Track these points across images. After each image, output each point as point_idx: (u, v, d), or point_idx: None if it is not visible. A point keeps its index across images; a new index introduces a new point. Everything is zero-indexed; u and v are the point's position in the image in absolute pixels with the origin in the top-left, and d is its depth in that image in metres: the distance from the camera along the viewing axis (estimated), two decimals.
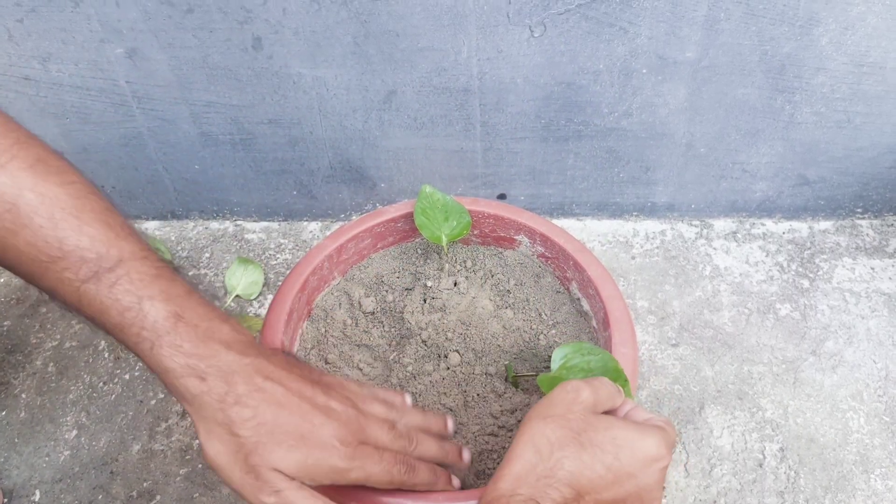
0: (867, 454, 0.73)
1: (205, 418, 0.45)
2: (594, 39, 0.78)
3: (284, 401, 0.46)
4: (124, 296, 0.45)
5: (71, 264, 0.44)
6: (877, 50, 0.78)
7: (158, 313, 0.45)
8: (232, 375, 0.45)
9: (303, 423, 0.46)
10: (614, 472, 0.44)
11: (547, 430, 0.45)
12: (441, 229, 0.72)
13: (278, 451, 0.45)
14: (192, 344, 0.45)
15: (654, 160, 0.92)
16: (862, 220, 1.00)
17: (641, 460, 0.45)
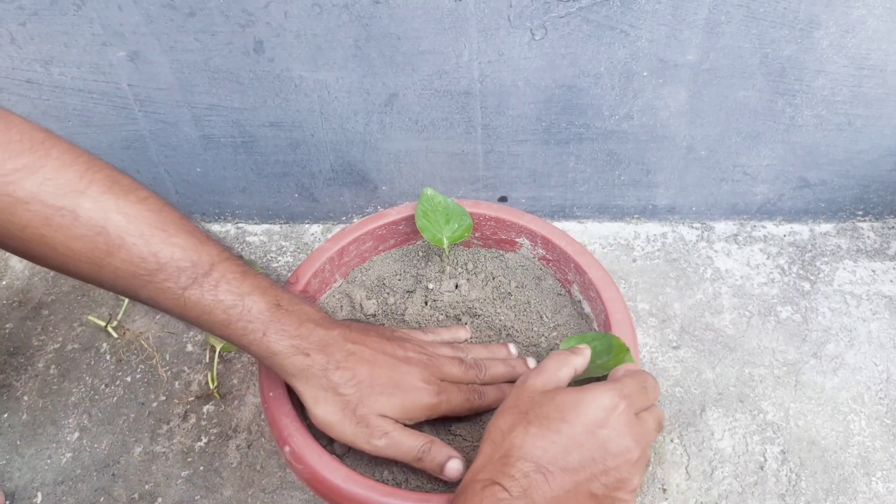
0: (868, 457, 0.73)
1: (312, 387, 0.53)
2: (595, 42, 0.78)
3: (372, 359, 0.54)
4: (226, 296, 0.50)
5: (170, 275, 0.49)
6: (877, 53, 0.79)
7: (261, 306, 0.51)
8: (328, 347, 0.53)
9: (392, 373, 0.55)
10: (567, 435, 0.46)
11: (499, 421, 0.49)
12: (442, 232, 0.72)
13: (380, 400, 0.53)
14: (293, 327, 0.52)
15: (655, 163, 0.92)
16: (863, 222, 1.00)
17: (592, 416, 0.47)
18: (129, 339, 0.88)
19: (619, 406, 0.47)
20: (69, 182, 0.46)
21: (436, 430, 0.59)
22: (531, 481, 0.44)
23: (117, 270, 0.48)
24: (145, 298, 0.50)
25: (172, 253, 0.49)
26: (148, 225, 0.48)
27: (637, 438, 0.47)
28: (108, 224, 0.47)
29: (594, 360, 0.60)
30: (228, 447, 0.77)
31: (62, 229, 0.46)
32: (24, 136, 0.46)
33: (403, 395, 0.54)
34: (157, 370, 0.84)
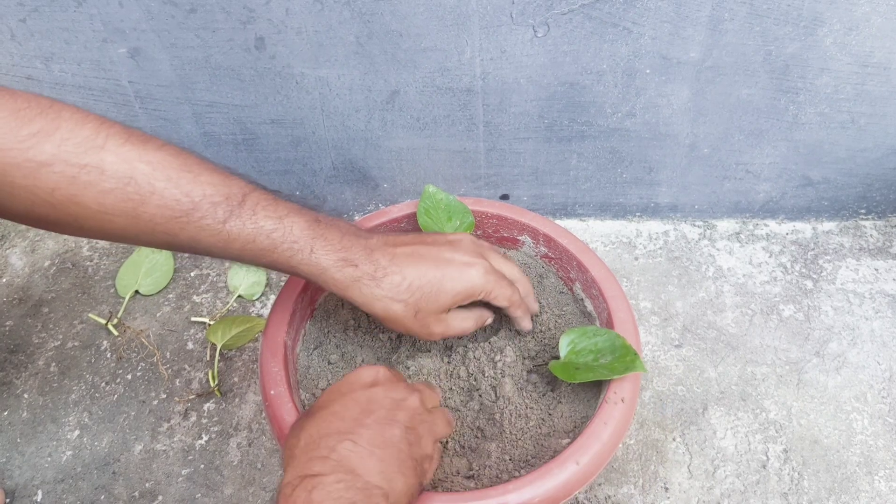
0: (871, 455, 0.73)
1: (365, 294, 0.55)
2: (597, 39, 0.78)
3: (415, 255, 0.57)
4: (265, 221, 0.51)
5: (206, 212, 0.49)
6: (881, 50, 0.78)
7: (301, 225, 0.52)
8: (372, 254, 0.55)
9: (437, 265, 0.57)
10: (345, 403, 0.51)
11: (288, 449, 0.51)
12: (444, 229, 0.72)
13: (435, 303, 0.57)
14: (337, 240, 0.54)
15: (658, 161, 0.92)
16: (866, 221, 0.99)
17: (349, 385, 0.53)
18: (130, 337, 0.88)
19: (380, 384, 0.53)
20: (87, 139, 0.46)
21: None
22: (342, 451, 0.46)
23: (154, 217, 0.48)
24: (186, 240, 0.50)
25: (203, 190, 0.49)
26: (174, 168, 0.48)
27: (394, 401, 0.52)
28: (135, 173, 0.47)
29: (596, 358, 0.59)
30: (229, 445, 0.77)
31: (91, 185, 0.46)
32: (30, 103, 0.46)
33: (453, 282, 0.57)
34: (158, 368, 0.84)
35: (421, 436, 0.52)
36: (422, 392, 0.55)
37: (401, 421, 0.51)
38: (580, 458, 0.53)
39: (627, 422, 0.56)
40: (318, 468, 0.45)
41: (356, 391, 0.52)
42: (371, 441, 0.48)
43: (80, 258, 1.00)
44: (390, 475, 0.47)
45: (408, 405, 0.52)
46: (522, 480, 0.52)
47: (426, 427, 0.53)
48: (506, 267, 0.63)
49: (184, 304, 0.92)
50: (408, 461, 0.49)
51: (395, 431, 0.50)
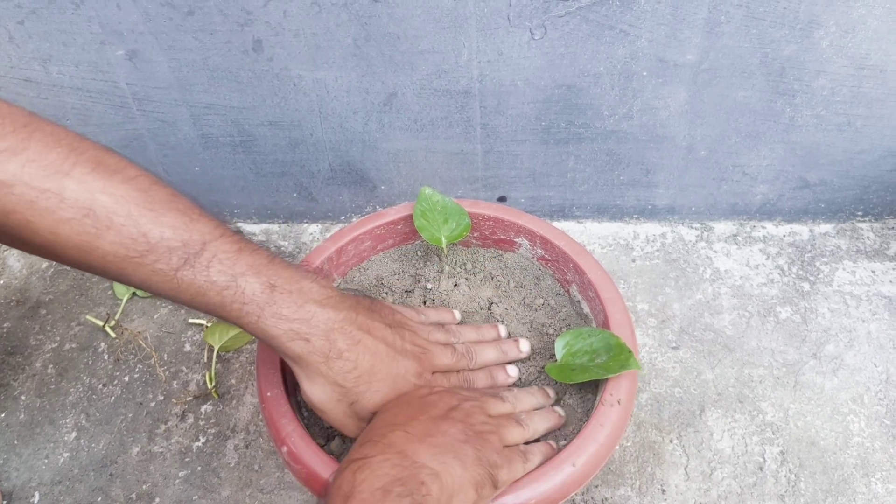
0: (868, 457, 0.73)
1: (310, 372, 0.52)
2: (594, 42, 0.78)
3: (375, 350, 0.54)
4: (219, 276, 0.48)
5: (160, 256, 0.47)
6: (877, 53, 0.78)
7: (254, 287, 0.49)
8: (331, 333, 0.52)
9: (391, 367, 0.55)
10: (393, 405, 0.54)
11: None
12: (441, 231, 0.72)
13: (376, 397, 0.54)
14: (291, 310, 0.50)
15: (655, 163, 0.92)
16: (862, 223, 1.00)
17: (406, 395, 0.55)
18: (128, 339, 0.88)
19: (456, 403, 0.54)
20: (53, 163, 0.44)
21: None
22: (393, 437, 0.48)
23: (106, 255, 0.46)
24: (137, 282, 0.48)
25: (162, 233, 0.47)
26: (136, 205, 0.46)
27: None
28: (94, 205, 0.44)
29: (592, 358, 0.59)
30: (226, 447, 0.77)
31: (48, 213, 0.43)
32: (5, 119, 0.44)
33: (397, 390, 0.55)
34: (156, 370, 0.84)
35: (483, 433, 0.51)
36: (484, 400, 0.55)
37: (457, 418, 0.51)
38: (576, 459, 0.53)
39: (624, 423, 0.56)
40: (367, 451, 0.47)
41: (413, 398, 0.54)
42: (424, 431, 0.49)
43: None
44: (444, 459, 0.47)
45: (464, 407, 0.53)
46: (519, 482, 0.52)
47: (489, 427, 0.52)
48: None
49: (181, 307, 0.92)
50: (467, 450, 0.49)
51: (450, 425, 0.50)
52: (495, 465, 0.50)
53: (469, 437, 0.50)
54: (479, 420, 0.52)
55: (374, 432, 0.49)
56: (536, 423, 0.57)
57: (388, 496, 0.43)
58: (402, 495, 0.43)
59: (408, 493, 0.44)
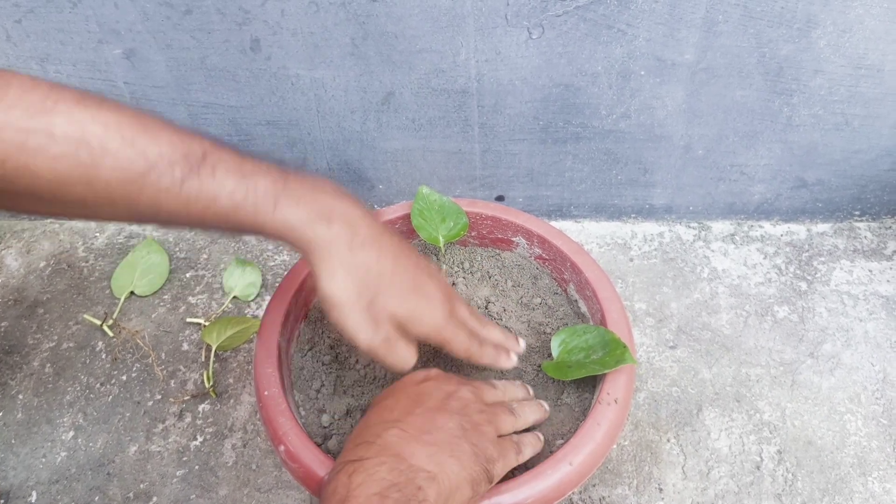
0: (865, 457, 0.73)
1: (330, 261, 0.49)
2: (592, 41, 0.78)
3: (401, 255, 0.52)
4: (227, 179, 0.46)
5: (163, 172, 0.45)
6: (874, 52, 0.79)
7: (266, 182, 0.47)
8: (355, 221, 0.50)
9: (416, 278, 0.53)
10: (389, 395, 0.54)
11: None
12: (438, 231, 0.72)
13: (397, 298, 0.51)
14: (310, 195, 0.49)
15: (653, 162, 0.92)
16: (860, 222, 1.00)
17: (402, 383, 0.55)
18: (125, 338, 0.88)
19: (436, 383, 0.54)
20: (35, 104, 0.43)
21: None
22: (388, 437, 0.47)
23: (109, 182, 0.45)
24: (147, 206, 0.46)
25: (160, 150, 0.45)
26: (129, 128, 0.45)
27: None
28: (86, 135, 0.43)
29: (588, 355, 0.60)
30: (224, 446, 0.77)
31: (41, 151, 0.43)
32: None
33: (419, 301, 0.53)
34: (153, 369, 0.84)
35: (479, 424, 0.50)
36: (478, 386, 0.55)
37: (453, 409, 0.50)
38: (573, 458, 0.53)
39: (621, 422, 0.56)
40: (362, 453, 0.46)
41: (408, 387, 0.53)
42: (420, 427, 0.48)
43: (76, 259, 1.00)
44: (441, 459, 0.46)
45: (460, 395, 0.52)
46: (516, 481, 0.52)
47: (485, 417, 0.51)
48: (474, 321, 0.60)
49: (179, 305, 0.92)
50: (463, 447, 0.48)
51: (447, 418, 0.49)
52: (491, 460, 0.49)
53: (466, 430, 0.49)
54: (476, 409, 0.52)
55: (368, 430, 0.48)
56: (527, 413, 0.57)
57: (384, 502, 0.43)
58: (398, 501, 0.43)
59: (404, 500, 0.43)
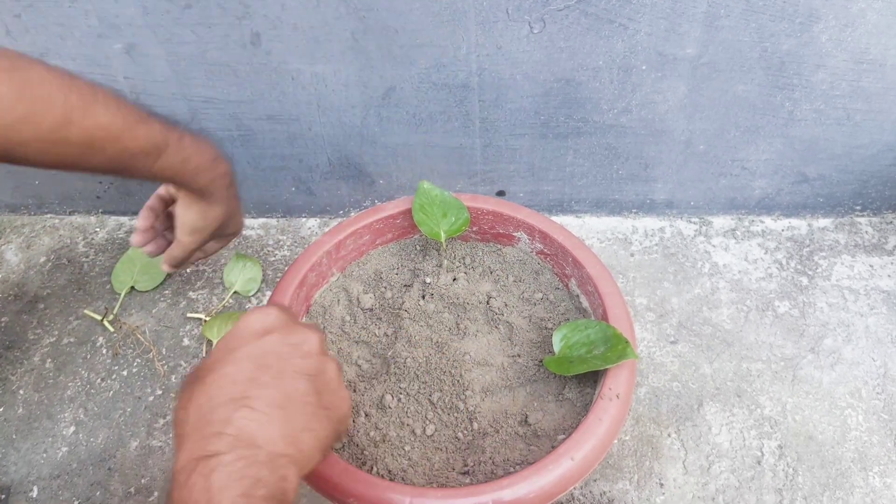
0: (865, 451, 0.73)
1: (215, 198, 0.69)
2: (593, 36, 0.78)
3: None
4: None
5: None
6: (877, 47, 0.78)
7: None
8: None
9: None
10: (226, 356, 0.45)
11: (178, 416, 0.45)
12: (439, 226, 0.72)
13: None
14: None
15: (654, 157, 0.92)
16: (861, 217, 1.00)
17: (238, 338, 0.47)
18: (126, 333, 0.88)
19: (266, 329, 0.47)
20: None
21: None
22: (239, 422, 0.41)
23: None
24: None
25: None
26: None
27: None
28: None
29: (590, 350, 0.60)
30: None
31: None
32: None
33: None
34: (154, 364, 0.84)
35: (329, 379, 0.48)
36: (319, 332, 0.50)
37: (303, 370, 0.46)
38: (575, 453, 0.53)
39: (622, 417, 0.56)
40: (215, 447, 0.40)
41: (248, 344, 0.46)
42: (271, 402, 0.43)
43: (76, 254, 0.99)
44: (296, 436, 0.43)
45: (308, 349, 0.47)
46: (517, 476, 0.52)
47: (333, 366, 0.48)
48: None
49: (179, 301, 0.92)
50: (317, 412, 0.45)
51: (298, 384, 0.45)
52: (342, 419, 0.48)
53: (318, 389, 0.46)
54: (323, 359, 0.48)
55: (215, 414, 0.42)
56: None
57: (250, 500, 0.39)
58: (266, 499, 0.40)
59: (271, 496, 0.40)
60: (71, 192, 1.02)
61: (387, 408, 0.62)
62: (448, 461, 0.59)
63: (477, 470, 0.58)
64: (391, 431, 0.61)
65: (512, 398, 0.63)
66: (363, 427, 0.61)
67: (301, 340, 0.47)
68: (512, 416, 0.62)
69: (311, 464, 0.44)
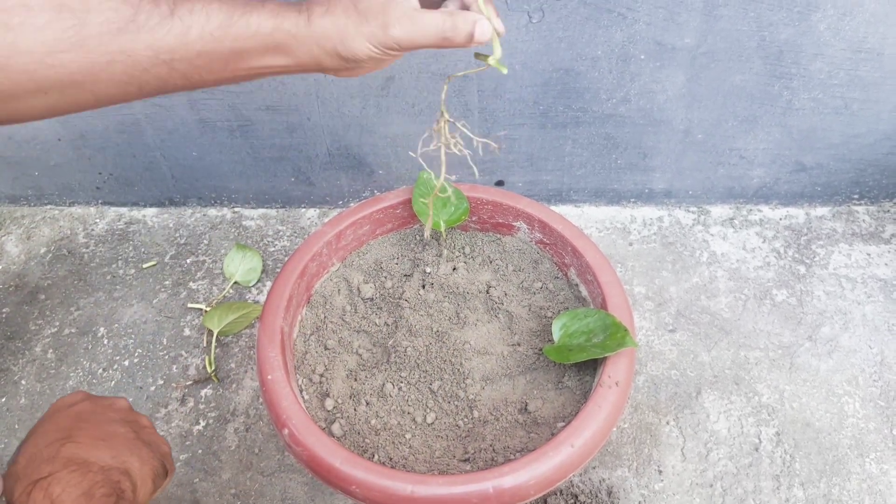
0: (862, 438, 0.74)
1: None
2: (592, 25, 0.78)
3: None
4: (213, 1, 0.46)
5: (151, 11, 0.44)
6: (874, 36, 0.78)
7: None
8: None
9: None
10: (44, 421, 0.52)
11: None
12: (440, 216, 0.72)
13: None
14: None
15: (652, 147, 0.92)
16: (858, 206, 1.00)
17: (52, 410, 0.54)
18: (126, 324, 0.88)
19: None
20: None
21: None
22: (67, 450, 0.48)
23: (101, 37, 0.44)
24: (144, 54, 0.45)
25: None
26: None
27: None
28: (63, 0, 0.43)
29: (589, 338, 0.60)
30: (227, 430, 0.77)
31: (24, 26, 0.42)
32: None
33: None
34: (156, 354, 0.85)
35: (144, 426, 0.55)
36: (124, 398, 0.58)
37: (117, 419, 0.53)
38: (575, 440, 0.53)
39: (621, 405, 0.57)
40: (48, 469, 0.46)
41: (61, 411, 0.53)
42: (94, 436, 0.50)
43: (76, 245, 1.00)
44: (124, 458, 0.49)
45: (119, 407, 0.55)
46: (517, 463, 0.52)
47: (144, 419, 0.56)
48: None
49: (180, 291, 0.92)
50: (140, 445, 0.52)
51: (114, 424, 0.52)
52: (165, 455, 0.54)
53: (137, 432, 0.53)
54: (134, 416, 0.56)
55: (41, 452, 0.48)
56: None
57: (91, 499, 0.45)
58: (106, 495, 0.45)
59: (111, 493, 0.46)
60: (71, 183, 1.02)
61: (387, 396, 0.63)
62: (449, 449, 0.59)
63: (477, 457, 0.58)
64: (392, 420, 0.61)
65: (512, 386, 0.64)
66: (364, 415, 0.62)
67: (110, 403, 0.54)
68: (512, 404, 0.62)
69: (144, 487, 0.50)
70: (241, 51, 0.48)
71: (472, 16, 0.48)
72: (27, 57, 0.43)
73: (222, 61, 0.48)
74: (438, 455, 0.59)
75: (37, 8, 0.43)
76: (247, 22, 0.47)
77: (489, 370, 0.65)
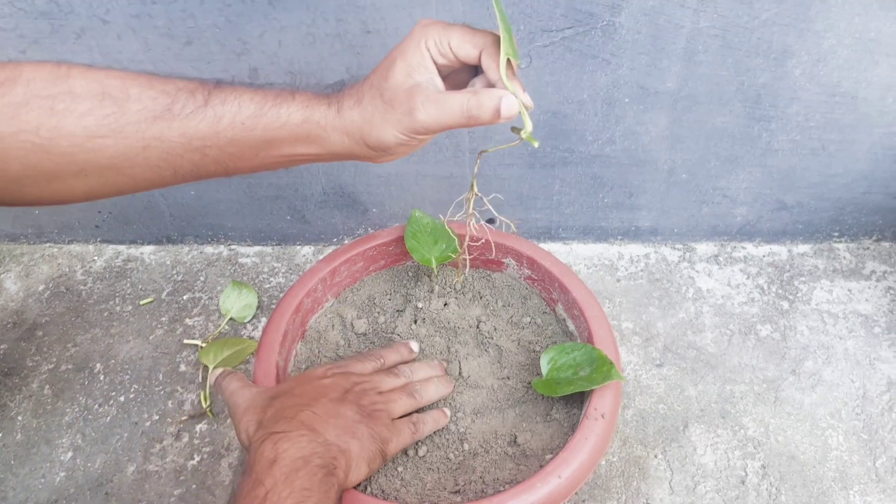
0: (846, 471, 0.75)
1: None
2: (578, 70, 0.81)
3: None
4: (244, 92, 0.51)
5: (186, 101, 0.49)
6: (848, 80, 0.82)
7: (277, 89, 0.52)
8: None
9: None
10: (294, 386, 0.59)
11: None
12: (431, 252, 0.74)
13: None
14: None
15: (638, 186, 0.95)
16: (839, 243, 1.03)
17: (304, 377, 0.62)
18: (123, 360, 0.89)
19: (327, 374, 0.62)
20: (51, 73, 0.47)
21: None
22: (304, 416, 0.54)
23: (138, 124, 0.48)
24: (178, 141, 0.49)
25: (177, 84, 0.49)
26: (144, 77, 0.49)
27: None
28: (105, 88, 0.47)
29: (576, 371, 0.62)
30: (221, 465, 0.78)
31: (69, 112, 0.46)
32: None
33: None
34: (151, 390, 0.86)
35: (373, 411, 0.58)
36: (374, 378, 0.62)
37: (351, 400, 0.58)
38: (562, 471, 0.55)
39: (608, 437, 0.58)
40: (284, 427, 0.51)
41: (311, 381, 0.59)
42: (326, 412, 0.55)
43: (74, 282, 1.01)
44: (345, 438, 0.54)
45: (356, 390, 0.59)
46: (506, 494, 0.54)
47: (379, 405, 0.59)
48: None
49: (176, 327, 0.94)
50: (362, 429, 0.56)
51: (346, 407, 0.57)
52: (385, 440, 0.57)
53: (363, 417, 0.57)
54: (370, 400, 0.59)
55: (285, 410, 0.54)
56: (430, 392, 0.65)
57: (307, 464, 0.49)
58: (319, 465, 0.50)
59: (324, 465, 0.50)
60: (70, 221, 1.04)
61: None
62: (440, 481, 0.60)
63: (468, 489, 0.59)
64: None
65: (502, 419, 0.65)
66: None
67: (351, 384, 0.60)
68: (502, 436, 0.64)
69: (358, 468, 0.54)
70: (272, 140, 0.52)
71: (498, 92, 0.49)
72: (69, 140, 0.47)
73: (253, 149, 0.52)
74: (430, 487, 0.60)
75: (81, 95, 0.47)
76: (277, 113, 0.51)
77: (480, 403, 0.66)
